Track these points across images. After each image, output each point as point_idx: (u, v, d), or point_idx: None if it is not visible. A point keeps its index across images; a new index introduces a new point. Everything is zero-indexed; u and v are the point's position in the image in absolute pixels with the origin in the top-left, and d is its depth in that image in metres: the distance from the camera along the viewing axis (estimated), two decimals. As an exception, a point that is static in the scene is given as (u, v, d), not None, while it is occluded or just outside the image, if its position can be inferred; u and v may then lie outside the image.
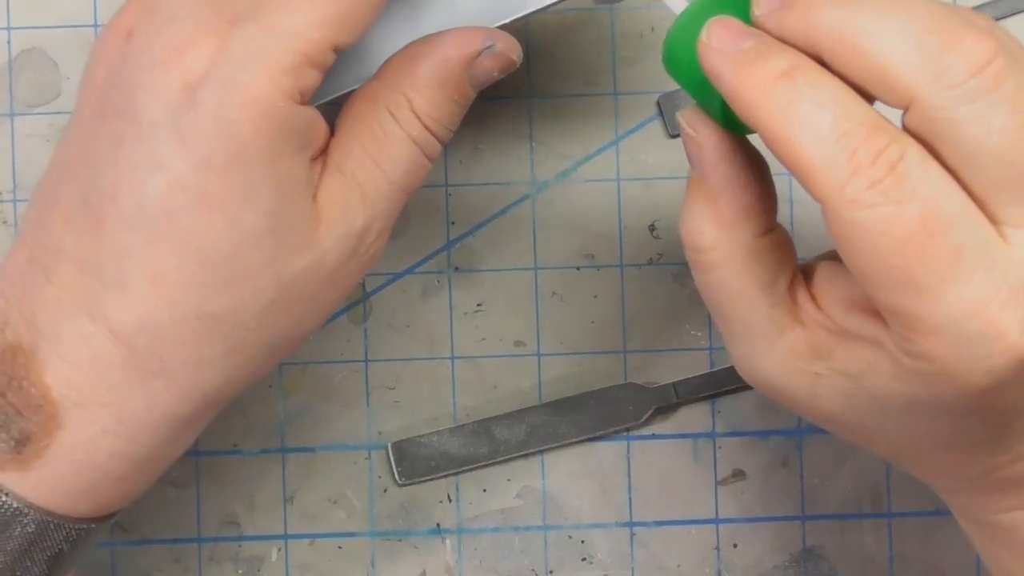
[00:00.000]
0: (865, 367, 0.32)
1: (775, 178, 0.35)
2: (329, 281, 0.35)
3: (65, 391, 0.33)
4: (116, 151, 0.33)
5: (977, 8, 0.47)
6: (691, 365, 0.46)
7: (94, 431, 0.34)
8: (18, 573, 0.34)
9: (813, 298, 0.34)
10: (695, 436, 0.46)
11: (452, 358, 0.46)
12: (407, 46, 0.36)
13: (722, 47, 0.32)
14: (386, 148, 0.35)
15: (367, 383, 0.46)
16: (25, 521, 0.34)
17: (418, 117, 0.35)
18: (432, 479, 0.46)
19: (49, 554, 0.35)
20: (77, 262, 0.33)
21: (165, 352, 0.34)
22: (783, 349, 0.34)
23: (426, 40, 0.36)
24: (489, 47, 0.36)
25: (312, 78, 0.33)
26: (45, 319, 0.34)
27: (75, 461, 0.34)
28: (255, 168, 0.33)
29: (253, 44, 0.32)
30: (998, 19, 0.47)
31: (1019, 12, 0.47)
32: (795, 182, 0.47)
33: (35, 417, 0.33)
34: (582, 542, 0.46)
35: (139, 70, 0.33)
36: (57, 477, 0.34)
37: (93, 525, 0.35)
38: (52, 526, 0.34)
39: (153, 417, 0.34)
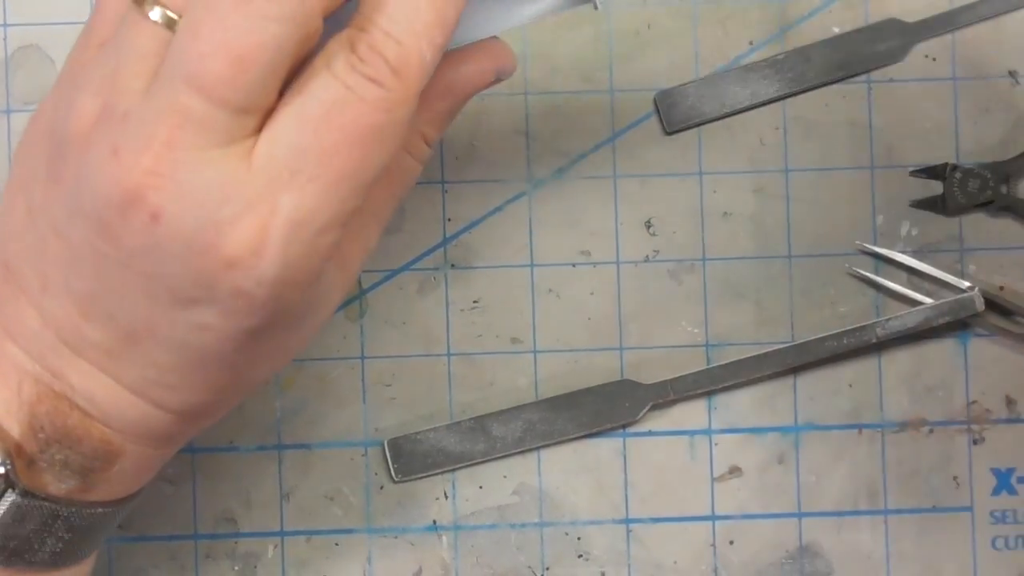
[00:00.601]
0: None
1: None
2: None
3: (121, 436, 0.34)
4: (150, 305, 0.32)
5: (980, 3, 0.47)
6: (687, 362, 0.46)
7: (149, 451, 0.35)
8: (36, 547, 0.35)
9: None
10: (691, 433, 0.46)
11: (448, 355, 0.46)
12: None
13: None
14: (404, 181, 0.36)
15: (363, 380, 0.46)
16: (58, 515, 0.35)
17: (429, 145, 0.36)
18: (428, 476, 0.46)
19: (78, 534, 0.36)
20: (106, 352, 0.33)
21: (215, 411, 0.36)
22: None
23: (442, 71, 0.35)
24: (500, 75, 0.36)
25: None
26: (80, 384, 0.34)
27: (134, 473, 0.36)
28: (304, 309, 0.33)
29: (298, 237, 0.31)
30: (1001, 15, 0.47)
31: (1016, 10, 0.47)
32: (791, 178, 0.47)
33: (98, 457, 0.34)
34: (578, 539, 0.46)
35: (174, 258, 0.31)
36: (116, 488, 0.35)
37: (111, 509, 0.36)
38: (87, 515, 0.35)
39: (198, 433, 0.37)
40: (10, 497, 0.33)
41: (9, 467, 0.33)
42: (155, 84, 0.31)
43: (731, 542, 0.46)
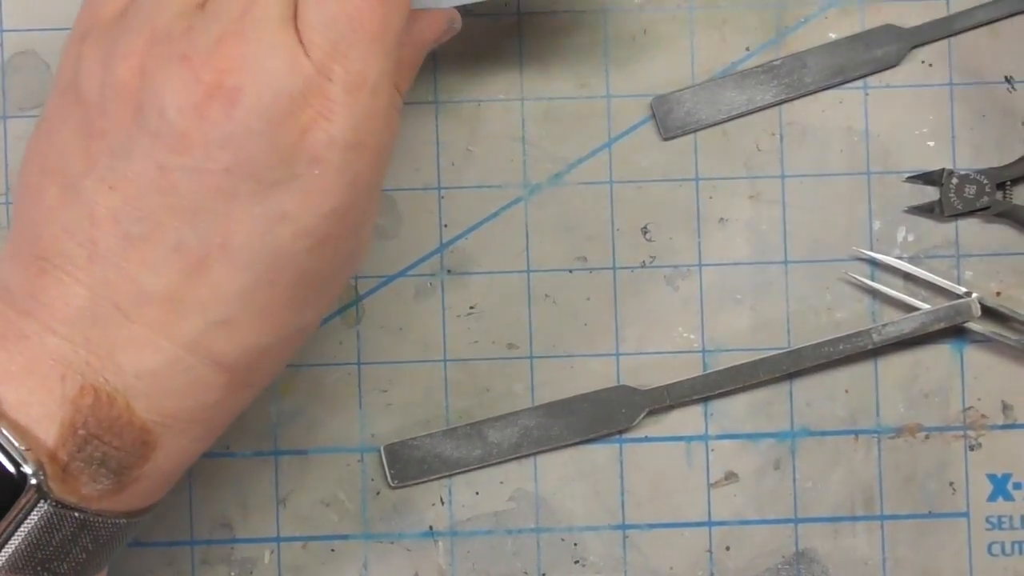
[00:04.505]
0: None
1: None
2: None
3: (160, 419, 0.34)
4: (228, 205, 0.33)
5: (977, 8, 0.47)
6: (683, 368, 0.46)
7: (184, 443, 0.35)
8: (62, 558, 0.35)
9: None
10: (688, 439, 0.46)
11: (445, 360, 0.46)
12: None
13: None
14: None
15: (360, 385, 0.46)
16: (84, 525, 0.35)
17: (402, 95, 0.37)
18: (425, 481, 0.46)
19: (101, 545, 0.36)
20: (166, 301, 0.34)
21: (261, 368, 0.36)
22: None
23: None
24: (452, 25, 0.39)
25: None
26: (129, 357, 0.34)
27: (163, 473, 0.36)
28: (369, 198, 0.35)
29: (357, 100, 0.34)
30: (997, 20, 0.47)
31: (1019, 13, 0.47)
32: (788, 183, 0.47)
33: (136, 450, 0.34)
34: (575, 545, 0.46)
35: (257, 135, 0.33)
36: (144, 490, 0.36)
37: (133, 520, 0.36)
38: (112, 525, 0.35)
39: (233, 418, 0.37)
40: (42, 507, 0.33)
41: (42, 478, 0.33)
42: None
43: (727, 548, 0.46)
